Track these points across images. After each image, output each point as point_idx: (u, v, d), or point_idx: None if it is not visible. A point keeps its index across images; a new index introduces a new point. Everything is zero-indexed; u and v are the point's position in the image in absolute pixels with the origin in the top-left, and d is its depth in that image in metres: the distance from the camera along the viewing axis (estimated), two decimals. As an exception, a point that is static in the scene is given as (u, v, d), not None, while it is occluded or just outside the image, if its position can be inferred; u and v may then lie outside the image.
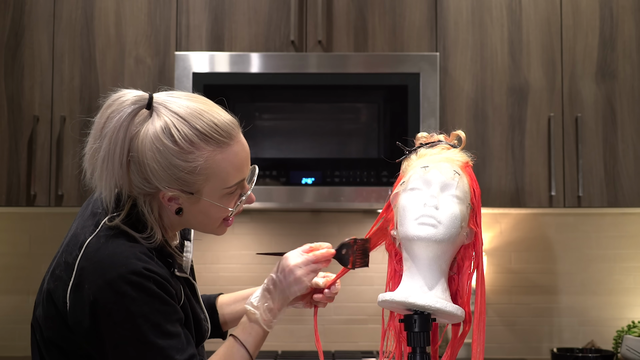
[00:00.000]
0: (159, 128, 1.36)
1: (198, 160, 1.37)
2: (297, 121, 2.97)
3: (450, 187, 1.33)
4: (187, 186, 1.38)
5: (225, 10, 2.99)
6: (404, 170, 1.41)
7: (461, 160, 1.38)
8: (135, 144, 1.37)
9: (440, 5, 2.99)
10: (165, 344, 1.35)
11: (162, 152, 1.36)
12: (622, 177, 2.96)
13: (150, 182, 1.38)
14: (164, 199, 1.40)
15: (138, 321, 1.33)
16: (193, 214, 1.44)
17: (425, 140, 1.43)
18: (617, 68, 2.99)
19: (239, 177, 1.44)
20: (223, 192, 1.42)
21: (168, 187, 1.38)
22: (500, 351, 3.25)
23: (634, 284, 3.28)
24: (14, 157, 2.94)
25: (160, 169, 1.36)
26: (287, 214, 3.29)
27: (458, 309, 1.31)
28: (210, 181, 1.39)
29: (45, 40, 2.97)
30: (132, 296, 1.33)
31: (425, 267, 1.32)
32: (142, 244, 1.39)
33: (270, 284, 1.50)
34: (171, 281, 1.40)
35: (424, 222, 1.30)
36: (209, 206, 1.42)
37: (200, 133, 1.37)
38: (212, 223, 1.47)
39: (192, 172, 1.37)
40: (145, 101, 1.38)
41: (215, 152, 1.39)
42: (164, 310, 1.36)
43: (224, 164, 1.40)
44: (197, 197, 1.40)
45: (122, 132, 1.36)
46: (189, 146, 1.36)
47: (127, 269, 1.33)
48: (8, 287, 3.25)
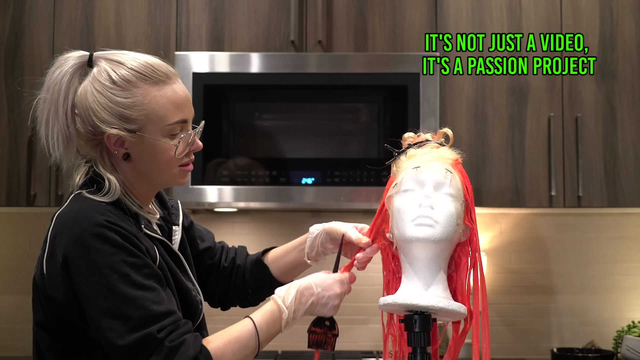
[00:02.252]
0: (97, 72, 1.46)
1: (136, 96, 1.44)
2: (297, 121, 2.97)
3: (444, 185, 1.33)
4: (128, 122, 1.43)
5: (225, 10, 2.99)
6: (395, 173, 1.41)
7: (451, 158, 1.38)
8: (79, 94, 1.46)
9: (440, 5, 2.99)
10: (138, 294, 1.34)
11: (101, 92, 1.43)
12: (622, 177, 2.96)
13: (95, 127, 1.44)
14: (110, 144, 1.45)
15: (104, 271, 1.34)
16: (141, 158, 1.46)
17: (413, 141, 1.42)
18: (617, 68, 2.99)
19: (178, 115, 1.47)
20: (165, 130, 1.45)
21: (110, 127, 1.43)
22: (500, 351, 3.25)
23: (634, 284, 3.28)
24: (14, 157, 2.94)
25: (100, 108, 1.43)
26: (287, 214, 3.29)
27: (460, 306, 1.31)
28: (150, 118, 1.44)
29: (45, 40, 2.97)
30: (96, 247, 1.35)
31: (424, 268, 1.32)
32: (106, 204, 1.42)
33: (307, 292, 1.48)
34: (138, 236, 1.41)
35: (421, 222, 1.30)
36: (153, 146, 1.45)
37: (136, 72, 1.45)
38: (164, 167, 1.48)
39: (130, 107, 1.43)
40: (85, 58, 1.49)
41: (152, 88, 1.45)
42: (132, 262, 1.36)
43: (162, 100, 1.45)
44: (140, 136, 1.44)
45: (64, 82, 1.46)
46: (126, 84, 1.44)
47: (88, 223, 1.36)
48: (8, 287, 3.25)
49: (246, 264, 1.77)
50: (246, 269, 1.76)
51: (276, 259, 1.75)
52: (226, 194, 2.86)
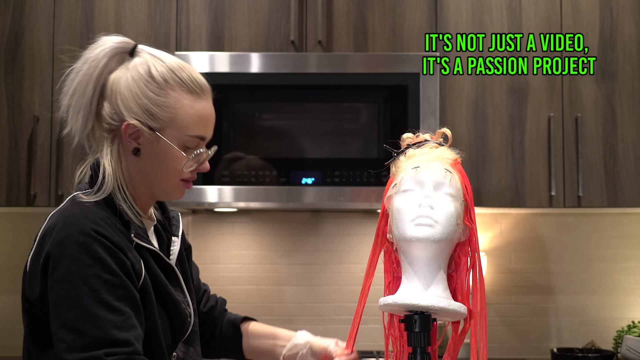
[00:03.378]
0: (138, 63, 1.45)
1: (168, 97, 1.44)
2: (297, 121, 2.97)
3: (443, 185, 1.33)
4: (152, 119, 1.43)
5: (225, 10, 2.99)
6: (394, 173, 1.41)
7: (450, 158, 1.38)
8: (113, 77, 1.45)
9: (440, 5, 3.00)
10: (101, 313, 1.31)
11: (137, 80, 1.43)
12: (622, 177, 2.96)
13: (118, 112, 1.43)
14: (126, 133, 1.44)
15: (75, 282, 1.31)
16: (150, 157, 1.46)
17: (412, 141, 1.42)
18: (617, 68, 2.99)
19: (201, 130, 1.47)
20: (183, 139, 1.45)
21: (133, 117, 1.42)
22: (500, 351, 3.25)
23: (634, 284, 3.28)
24: (14, 157, 2.94)
25: (130, 96, 1.43)
26: (287, 214, 3.29)
27: (461, 306, 1.31)
28: (174, 123, 1.44)
29: (45, 40, 2.97)
30: (74, 256, 1.33)
31: (424, 268, 1.32)
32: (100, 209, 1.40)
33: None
34: (126, 251, 1.38)
35: (420, 222, 1.30)
36: (166, 150, 1.45)
37: (177, 76, 1.45)
38: (168, 175, 1.48)
39: (159, 105, 1.43)
40: (129, 45, 1.48)
41: (186, 96, 1.45)
42: (107, 279, 1.33)
43: (191, 111, 1.45)
44: (157, 137, 1.44)
45: (103, 61, 1.45)
46: (163, 82, 1.44)
47: (75, 229, 1.35)
48: (8, 287, 3.25)
49: (222, 320, 1.79)
50: (219, 325, 1.78)
51: (253, 336, 1.77)
52: (226, 194, 2.86)
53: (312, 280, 3.27)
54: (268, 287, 3.27)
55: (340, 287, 3.27)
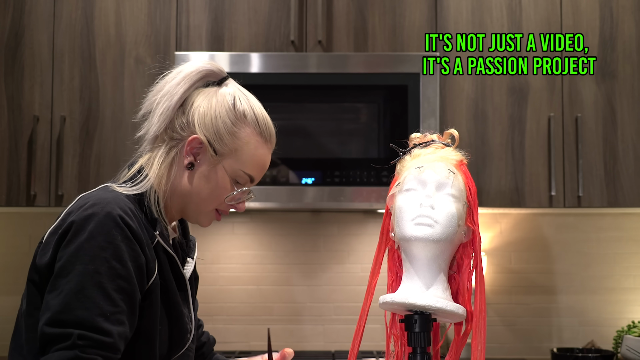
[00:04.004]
0: (227, 92, 1.53)
1: (241, 131, 1.50)
2: (297, 121, 2.97)
3: (446, 186, 1.33)
4: (219, 142, 1.49)
5: (225, 10, 2.99)
6: (399, 172, 1.41)
7: (455, 159, 1.38)
8: (197, 93, 1.52)
9: (440, 5, 2.99)
10: (95, 297, 1.30)
11: (220, 105, 1.50)
12: (622, 177, 2.96)
13: (190, 124, 1.49)
14: (188, 146, 1.49)
15: (82, 258, 1.31)
16: (200, 177, 1.50)
17: (419, 141, 1.42)
18: (617, 68, 2.99)
19: (255, 171, 1.53)
20: (236, 173, 1.51)
21: (204, 132, 1.48)
22: (500, 351, 3.25)
23: (634, 284, 3.28)
24: (14, 157, 2.94)
25: (209, 114, 1.49)
26: (287, 214, 3.29)
27: (459, 307, 1.31)
28: (236, 154, 1.50)
29: (45, 40, 2.97)
30: (92, 234, 1.33)
31: (424, 267, 1.32)
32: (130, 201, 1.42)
33: None
34: (144, 246, 1.39)
35: (420, 222, 1.30)
36: (218, 176, 1.50)
37: (255, 115, 1.52)
38: (209, 199, 1.51)
39: (231, 133, 1.49)
40: (222, 74, 1.56)
41: (256, 137, 1.52)
42: (113, 266, 1.32)
43: (254, 151, 1.52)
44: (217, 160, 1.49)
45: (196, 77, 1.52)
46: (242, 116, 1.51)
47: (103, 210, 1.35)
48: (8, 287, 3.25)
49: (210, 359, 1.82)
50: None
51: None
52: (226, 194, 2.85)
53: (312, 280, 3.27)
54: (268, 287, 3.27)
55: (340, 287, 3.27)
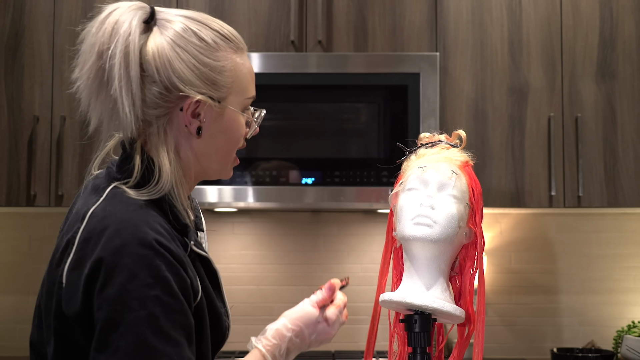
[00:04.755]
0: (178, 28, 1.24)
1: (225, 60, 1.26)
2: (297, 121, 2.97)
3: (447, 186, 1.33)
4: (216, 89, 1.25)
5: (225, 10, 2.99)
6: (404, 171, 1.41)
7: (460, 160, 1.38)
8: (149, 52, 1.22)
9: (440, 5, 2.99)
10: (158, 345, 1.11)
11: (187, 49, 1.23)
12: (622, 177, 2.96)
13: (171, 91, 1.22)
14: (187, 113, 1.24)
15: (132, 304, 1.11)
16: (213, 134, 1.27)
17: (427, 141, 1.43)
18: (617, 68, 2.99)
19: (253, 89, 1.33)
20: (244, 104, 1.31)
21: (197, 91, 1.23)
22: (500, 351, 3.25)
23: (634, 284, 3.28)
24: (14, 157, 2.94)
25: (186, 68, 1.22)
26: (287, 214, 3.29)
27: (456, 309, 1.31)
28: (235, 88, 1.28)
29: (45, 40, 2.97)
30: (132, 271, 1.12)
31: (423, 267, 1.32)
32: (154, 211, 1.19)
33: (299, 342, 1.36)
34: (186, 266, 1.19)
35: (419, 222, 1.30)
36: (232, 120, 1.29)
37: (220, 34, 1.27)
38: (231, 148, 1.31)
39: (221, 72, 1.25)
40: (147, 9, 1.25)
41: (236, 55, 1.29)
42: (167, 302, 1.13)
43: (244, 70, 1.30)
44: (223, 108, 1.27)
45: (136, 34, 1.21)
46: (214, 44, 1.25)
47: (134, 237, 1.13)
48: (8, 287, 3.25)
49: None
50: None
51: None
52: (226, 194, 2.86)
53: (312, 280, 3.27)
54: (268, 287, 3.27)
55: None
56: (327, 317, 1.35)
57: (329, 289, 1.37)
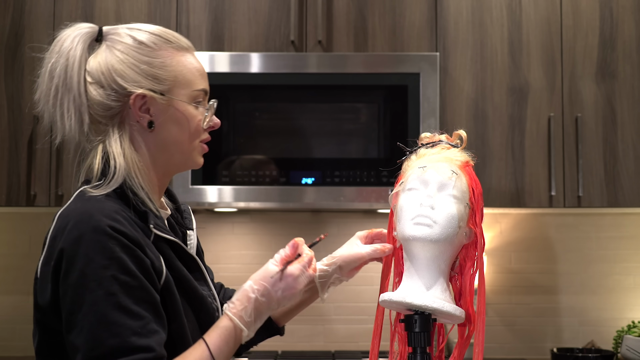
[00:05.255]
0: (119, 38, 1.38)
1: (165, 57, 1.38)
2: (297, 121, 2.97)
3: (447, 186, 1.33)
4: (158, 83, 1.37)
5: (225, 10, 2.99)
6: (404, 171, 1.41)
7: (460, 160, 1.38)
8: (94, 63, 1.38)
9: (440, 5, 2.99)
10: (119, 319, 1.21)
11: (128, 53, 1.37)
12: (622, 177, 2.96)
13: (117, 91, 1.35)
14: (136, 108, 1.36)
15: (91, 285, 1.22)
16: (166, 126, 1.38)
17: (428, 141, 1.43)
18: (617, 68, 2.99)
19: (204, 84, 1.42)
20: (192, 95, 1.40)
21: (139, 86, 1.35)
22: (500, 351, 3.25)
23: (634, 284, 3.28)
24: (14, 157, 2.94)
25: (127, 67, 1.36)
26: (287, 214, 3.29)
27: (456, 309, 1.31)
28: (178, 80, 1.38)
29: (45, 40, 2.97)
30: (89, 257, 1.23)
31: (423, 267, 1.32)
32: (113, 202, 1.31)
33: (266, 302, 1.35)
34: (145, 248, 1.29)
35: (419, 222, 1.30)
36: (182, 111, 1.38)
37: (160, 37, 1.40)
38: (189, 136, 1.40)
39: (161, 67, 1.37)
40: (95, 29, 1.41)
41: (178, 53, 1.40)
42: (124, 280, 1.23)
43: (188, 65, 1.40)
44: (169, 99, 1.37)
45: (79, 49, 1.39)
46: (153, 45, 1.38)
47: (89, 226, 1.25)
48: (8, 287, 3.25)
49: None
50: None
51: None
52: (226, 194, 2.86)
53: (312, 280, 3.27)
54: (268, 287, 3.27)
55: (340, 287, 3.25)
56: (290, 273, 1.35)
57: (292, 246, 1.39)
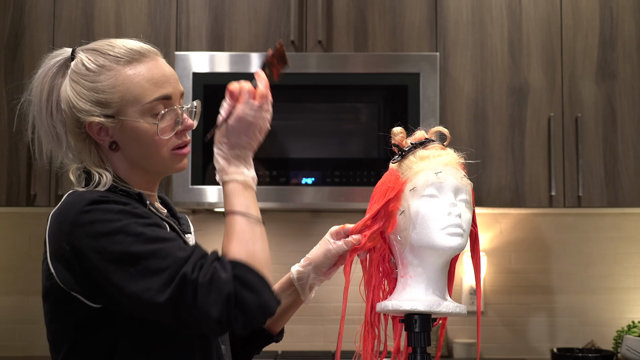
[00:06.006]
0: (74, 64, 1.42)
1: (109, 79, 1.38)
2: (297, 121, 2.97)
3: (461, 192, 1.33)
4: (105, 107, 1.37)
5: (225, 10, 2.99)
6: (404, 172, 1.37)
7: (460, 162, 1.37)
8: (61, 89, 1.42)
9: (440, 5, 2.99)
10: (159, 245, 1.25)
11: (77, 81, 1.39)
12: (622, 177, 2.96)
13: (76, 119, 1.38)
14: (94, 133, 1.39)
15: (117, 238, 1.25)
16: (128, 145, 1.39)
17: (403, 137, 1.41)
18: (617, 68, 2.99)
19: (157, 91, 1.38)
20: (144, 109, 1.37)
21: (89, 115, 1.37)
22: (500, 351, 3.25)
23: (634, 284, 3.28)
24: (14, 157, 2.94)
25: (77, 97, 1.38)
26: (287, 214, 3.29)
27: (464, 307, 1.33)
28: (125, 99, 1.37)
29: (45, 40, 2.97)
30: (98, 220, 1.26)
31: (439, 274, 1.33)
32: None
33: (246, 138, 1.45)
34: (144, 210, 1.33)
35: (453, 232, 1.29)
36: (135, 129, 1.37)
37: (110, 55, 1.39)
38: (152, 151, 1.40)
39: (104, 90, 1.37)
40: (67, 54, 1.45)
41: (126, 68, 1.38)
42: (143, 222, 1.27)
43: (136, 79, 1.38)
44: (119, 120, 1.37)
45: (47, 80, 1.42)
46: (99, 68, 1.39)
47: (82, 203, 1.29)
48: (8, 287, 3.25)
49: None
50: None
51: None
52: (226, 194, 2.85)
53: (312, 280, 3.27)
54: (268, 287, 3.27)
55: (340, 287, 3.25)
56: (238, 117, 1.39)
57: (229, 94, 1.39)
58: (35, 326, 3.18)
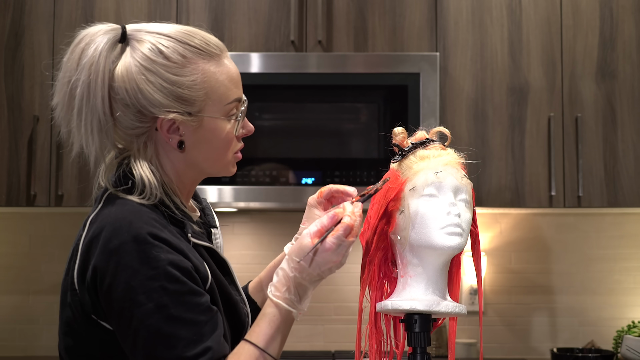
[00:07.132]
0: (146, 49, 1.26)
1: (195, 74, 1.27)
2: (297, 121, 2.97)
3: (461, 191, 1.33)
4: (188, 105, 1.26)
5: (225, 10, 2.99)
6: (404, 172, 1.38)
7: (460, 162, 1.38)
8: (118, 76, 1.26)
9: (440, 5, 3.00)
10: (173, 331, 1.16)
11: (154, 71, 1.25)
12: (622, 177, 2.96)
13: (144, 113, 1.26)
14: (163, 130, 1.27)
15: (139, 299, 1.16)
16: (197, 145, 1.29)
17: (404, 137, 1.42)
18: (617, 68, 2.99)
19: (236, 92, 1.32)
20: (224, 110, 1.30)
21: (167, 111, 1.25)
22: (500, 351, 3.25)
23: (634, 284, 3.28)
24: (14, 157, 2.94)
25: (155, 90, 1.25)
26: (287, 214, 3.29)
27: (465, 308, 1.33)
28: (210, 97, 1.28)
29: (45, 40, 2.98)
30: (133, 268, 1.16)
31: (438, 273, 1.33)
32: (149, 209, 1.24)
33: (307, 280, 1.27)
34: (188, 254, 1.23)
35: (452, 231, 1.29)
36: (214, 128, 1.29)
37: (192, 47, 1.28)
38: (222, 153, 1.32)
39: (190, 87, 1.27)
40: (119, 31, 1.28)
41: (210, 64, 1.29)
42: (174, 289, 1.17)
43: (221, 77, 1.30)
44: (200, 118, 1.27)
45: (102, 61, 1.25)
46: (182, 59, 1.27)
47: (129, 234, 1.18)
48: (8, 287, 3.25)
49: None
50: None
51: (257, 291, 1.59)
52: (226, 194, 2.86)
53: (312, 280, 3.27)
54: (268, 287, 3.27)
55: (340, 287, 3.27)
56: (325, 248, 1.25)
57: (330, 217, 1.26)
58: (35, 326, 3.18)
